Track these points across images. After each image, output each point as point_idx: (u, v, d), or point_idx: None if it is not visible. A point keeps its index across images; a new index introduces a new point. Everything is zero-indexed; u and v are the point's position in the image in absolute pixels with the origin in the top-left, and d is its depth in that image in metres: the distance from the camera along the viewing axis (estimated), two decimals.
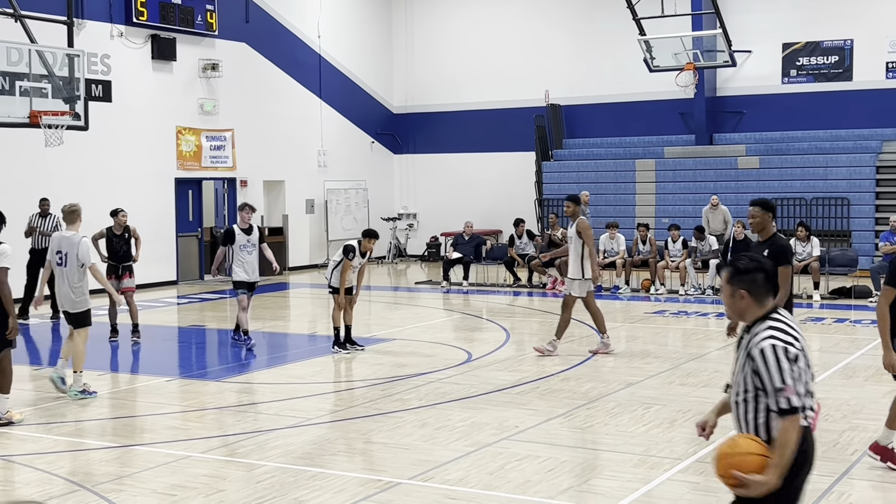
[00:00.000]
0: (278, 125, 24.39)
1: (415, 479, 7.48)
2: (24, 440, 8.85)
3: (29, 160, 18.38)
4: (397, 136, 28.55)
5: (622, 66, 24.97)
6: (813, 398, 4.41)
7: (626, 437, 8.68)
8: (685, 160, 24.18)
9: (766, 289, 4.41)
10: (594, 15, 25.73)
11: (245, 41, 23.58)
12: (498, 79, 26.79)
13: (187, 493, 7.20)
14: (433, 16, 27.97)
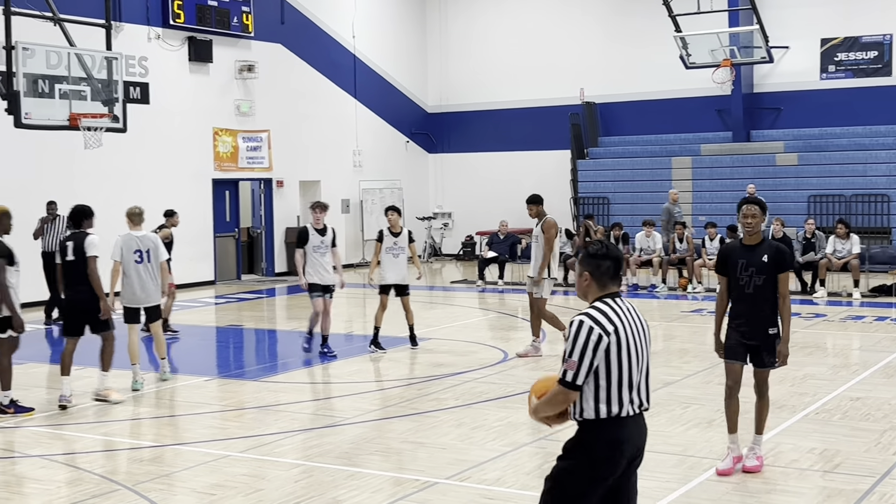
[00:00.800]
0: (314, 125, 24.50)
1: (451, 479, 7.49)
2: (65, 440, 8.96)
3: (68, 162, 18.59)
4: (432, 135, 28.58)
5: (658, 64, 24.83)
6: (637, 392, 4.53)
7: (665, 436, 8.62)
8: (722, 157, 24.01)
9: (609, 275, 4.63)
10: (629, 12, 25.61)
11: (280, 42, 23.71)
12: (533, 77, 26.74)
13: (226, 492, 7.25)
14: (467, 14, 27.97)
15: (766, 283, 7.31)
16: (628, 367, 4.49)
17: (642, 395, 4.57)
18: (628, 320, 4.55)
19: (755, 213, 7.42)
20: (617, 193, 24.80)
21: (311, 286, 12.74)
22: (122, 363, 11.07)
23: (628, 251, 20.07)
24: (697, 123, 24.98)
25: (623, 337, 4.49)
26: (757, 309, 7.36)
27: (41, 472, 7.89)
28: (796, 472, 7.60)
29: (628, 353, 4.49)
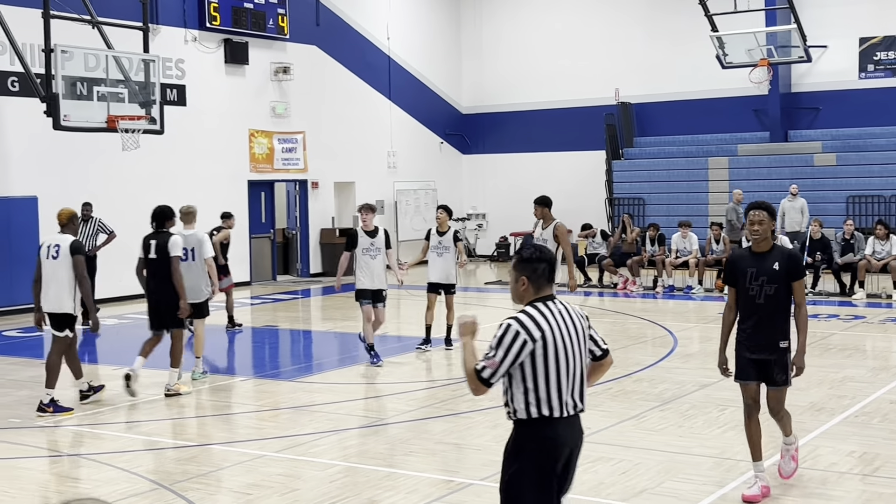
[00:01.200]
0: (348, 127, 24.58)
1: (487, 481, 7.47)
2: (105, 439, 9.04)
3: (106, 164, 18.76)
4: (466, 136, 28.58)
5: (694, 63, 24.68)
6: (570, 394, 4.57)
7: (701, 439, 8.56)
8: (759, 158, 23.81)
9: (545, 278, 4.69)
10: (665, 11, 25.47)
11: (316, 44, 23.81)
12: (567, 77, 26.65)
13: (263, 491, 7.28)
14: (502, 15, 27.94)
15: (778, 292, 6.82)
16: (556, 370, 4.56)
17: (575, 396, 4.63)
18: (560, 324, 4.60)
19: (763, 220, 6.92)
20: (652, 194, 24.67)
21: (359, 292, 12.29)
22: (156, 363, 11.15)
23: (664, 252, 19.95)
24: (734, 123, 24.79)
25: (552, 341, 4.55)
26: (768, 321, 6.85)
27: (81, 471, 7.97)
28: (835, 475, 7.52)
29: (556, 357, 4.56)
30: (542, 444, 4.56)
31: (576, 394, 4.63)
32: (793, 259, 6.98)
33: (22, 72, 16.51)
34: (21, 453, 8.53)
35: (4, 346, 14.57)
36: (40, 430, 9.36)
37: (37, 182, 17.88)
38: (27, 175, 17.82)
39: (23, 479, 7.78)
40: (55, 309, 9.88)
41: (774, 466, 7.40)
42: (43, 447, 8.73)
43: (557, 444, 4.57)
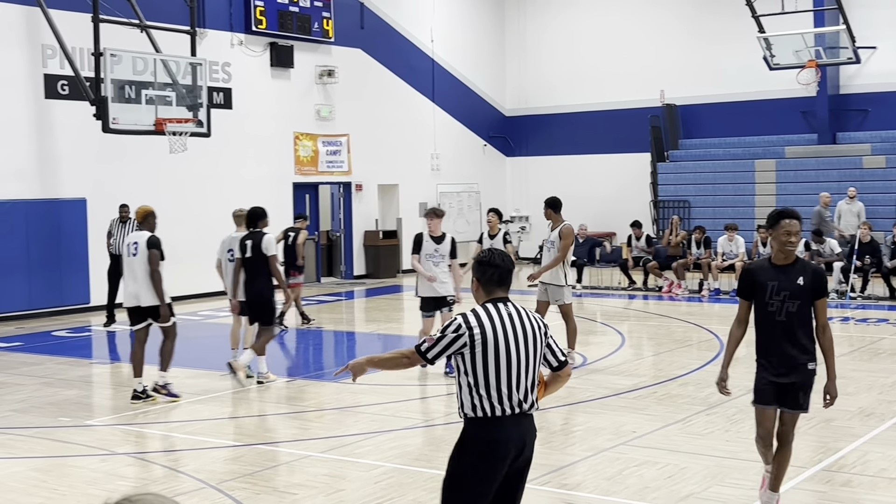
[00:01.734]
0: (392, 129, 24.65)
1: (531, 483, 7.43)
2: (152, 438, 9.14)
3: (153, 166, 18.95)
4: (509, 138, 28.55)
5: (740, 65, 24.45)
6: (517, 393, 4.68)
7: (748, 444, 8.44)
8: (807, 160, 23.53)
9: (494, 282, 4.89)
10: (711, 12, 25.26)
11: (360, 47, 23.91)
12: (611, 79, 26.53)
13: (308, 491, 7.32)
14: (546, 17, 27.87)
15: (801, 309, 6.28)
16: (496, 367, 4.69)
17: (521, 396, 4.72)
18: (505, 324, 4.74)
19: (798, 231, 6.30)
20: (698, 197, 24.46)
21: (422, 301, 11.84)
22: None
23: (710, 255, 19.78)
24: (781, 125, 24.52)
25: (491, 338, 4.70)
26: (791, 340, 6.33)
27: (128, 469, 8.06)
28: (885, 480, 7.41)
29: (496, 354, 4.69)
30: (487, 443, 4.68)
31: (521, 393, 4.72)
32: (819, 275, 6.42)
33: (72, 75, 16.76)
34: (70, 452, 8.65)
35: (54, 346, 14.78)
36: (89, 429, 9.48)
37: (86, 184, 18.12)
38: (76, 177, 18.06)
39: (72, 477, 7.88)
40: (140, 303, 10.39)
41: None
42: (92, 445, 8.84)
43: (501, 443, 4.68)
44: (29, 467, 8.16)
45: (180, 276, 19.64)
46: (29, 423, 9.65)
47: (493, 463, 4.67)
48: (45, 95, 17.66)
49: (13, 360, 13.36)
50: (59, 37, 16.12)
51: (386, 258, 24.03)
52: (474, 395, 4.71)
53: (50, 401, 10.71)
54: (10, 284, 17.02)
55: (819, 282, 6.34)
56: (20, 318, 17.15)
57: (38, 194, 17.57)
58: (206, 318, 17.37)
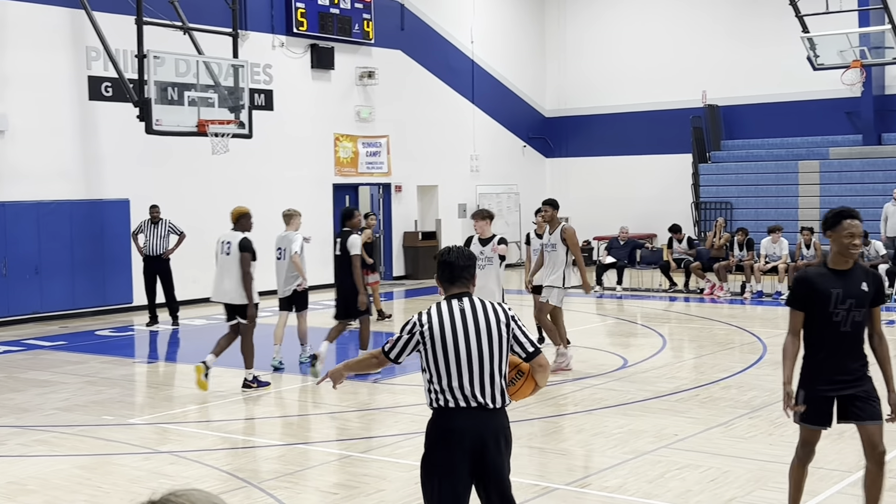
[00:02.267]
0: (432, 131, 24.67)
1: (572, 486, 7.42)
2: (194, 437, 9.20)
3: (194, 167, 19.11)
4: (549, 139, 28.46)
5: (784, 65, 24.20)
6: (472, 387, 4.78)
7: (792, 447, 8.29)
8: (852, 161, 23.24)
9: (446, 279, 5.03)
10: (754, 12, 25.03)
11: (400, 48, 23.95)
12: (652, 79, 26.37)
13: (349, 491, 7.33)
14: (586, 18, 27.76)
15: (865, 318, 5.76)
16: (445, 360, 4.81)
17: (476, 389, 4.80)
18: (457, 319, 4.86)
19: (861, 232, 5.69)
20: (740, 198, 24.24)
21: None
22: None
23: (752, 257, 19.60)
24: (825, 126, 24.24)
25: (439, 334, 4.83)
26: (854, 352, 5.82)
27: (171, 468, 8.12)
28: None
29: (445, 350, 4.81)
30: (441, 434, 4.83)
31: (478, 387, 4.80)
32: (878, 279, 5.90)
33: (115, 77, 16.94)
34: (114, 450, 8.73)
35: (97, 345, 14.94)
36: (132, 428, 9.57)
37: (129, 185, 18.30)
38: (119, 178, 18.25)
39: (115, 475, 7.96)
40: (230, 300, 10.96)
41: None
42: (135, 444, 8.92)
43: (455, 435, 4.79)
44: (73, 465, 8.24)
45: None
46: (73, 422, 9.76)
47: (449, 451, 4.78)
48: (89, 97, 17.86)
49: (57, 359, 13.52)
50: (103, 39, 16.29)
51: (425, 259, 24.03)
52: (432, 388, 4.86)
53: (93, 399, 10.82)
54: (55, 284, 17.22)
55: (880, 287, 5.86)
56: (64, 317, 17.36)
57: (81, 195, 17.77)
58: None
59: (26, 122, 16.96)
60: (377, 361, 5.14)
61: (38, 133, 17.12)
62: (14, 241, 16.71)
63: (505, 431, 4.90)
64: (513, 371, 5.09)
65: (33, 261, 16.95)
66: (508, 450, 4.94)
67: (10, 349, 14.44)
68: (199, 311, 18.05)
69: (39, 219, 17.06)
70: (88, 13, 16.33)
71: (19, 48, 16.90)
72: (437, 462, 4.83)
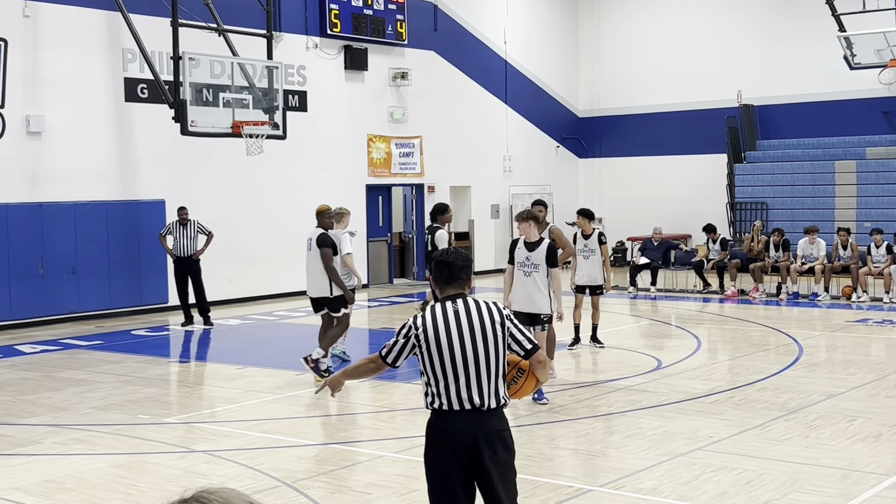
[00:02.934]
0: (465, 131, 24.67)
1: (606, 487, 7.39)
2: (228, 436, 9.26)
3: (230, 169, 19.21)
4: (583, 139, 28.37)
5: (820, 64, 23.98)
6: (468, 389, 4.79)
7: (828, 450, 8.30)
8: (889, 161, 22.97)
9: (442, 280, 5.01)
10: (789, 11, 24.82)
11: (433, 49, 23.97)
12: (687, 79, 26.22)
13: (382, 491, 7.35)
14: (620, 17, 27.65)
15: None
16: (440, 363, 4.82)
17: (473, 391, 4.80)
18: (451, 321, 4.86)
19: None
20: (776, 199, 24.04)
21: (514, 316, 10.13)
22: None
23: (788, 258, 19.43)
24: (862, 126, 23.98)
25: (433, 337, 4.84)
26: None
27: (206, 466, 8.17)
28: None
29: (440, 352, 4.82)
30: (436, 434, 4.86)
31: (474, 389, 4.81)
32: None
33: (151, 79, 17.08)
34: (150, 448, 8.80)
35: (133, 344, 15.07)
36: (167, 427, 9.64)
37: (164, 186, 18.45)
38: (155, 179, 18.40)
39: (151, 474, 8.02)
40: (317, 294, 11.69)
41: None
42: (170, 443, 8.99)
43: (448, 435, 4.81)
44: (109, 463, 8.32)
45: (256, 276, 19.91)
46: (109, 420, 9.85)
47: (441, 451, 4.82)
48: (125, 99, 18.03)
49: (93, 359, 13.65)
50: (139, 41, 16.44)
51: None
52: (429, 390, 4.89)
53: (129, 398, 10.92)
54: (91, 284, 17.40)
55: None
56: (100, 317, 17.53)
57: (118, 196, 17.93)
58: (281, 318, 17.55)
59: (63, 124, 17.15)
60: (375, 366, 5.16)
61: (75, 134, 17.30)
62: (51, 241, 16.90)
63: (502, 433, 4.87)
64: (513, 370, 5.10)
65: (70, 261, 17.13)
66: (509, 452, 4.90)
67: (48, 349, 14.60)
68: (234, 312, 18.16)
69: (76, 219, 17.24)
70: (124, 15, 16.48)
71: (56, 50, 17.08)
72: (434, 463, 4.87)
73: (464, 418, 4.81)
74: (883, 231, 18.99)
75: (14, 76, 16.41)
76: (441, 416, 4.86)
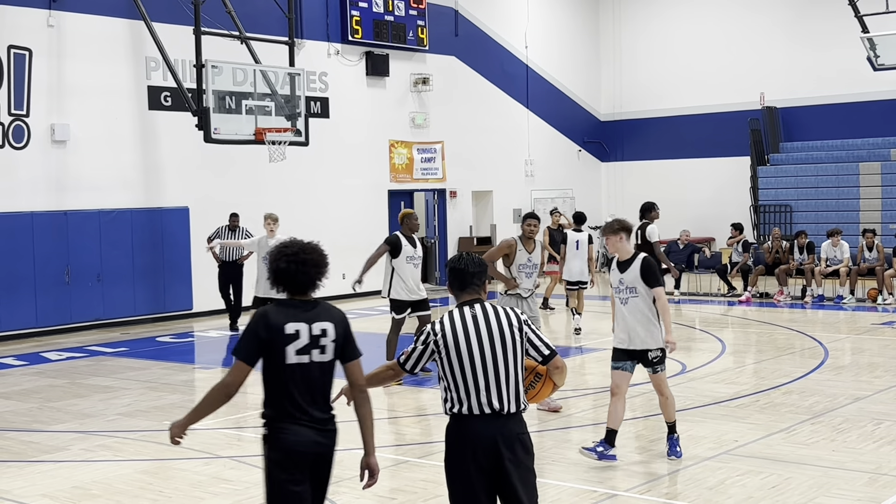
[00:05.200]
0: (486, 136, 24.68)
1: (631, 491, 7.36)
2: (254, 441, 9.27)
3: (252, 175, 19.29)
4: (605, 143, 28.32)
5: (843, 66, 23.85)
6: (487, 393, 4.78)
7: (855, 454, 8.24)
8: None
9: (456, 286, 5.04)
10: (812, 13, 24.70)
11: (454, 55, 24.00)
12: (709, 82, 26.14)
13: (406, 496, 7.36)
14: (641, 21, 27.60)
15: None
16: (460, 369, 4.83)
17: (493, 396, 4.81)
18: (469, 326, 4.87)
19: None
20: (800, 201, 23.90)
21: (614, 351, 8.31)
22: None
23: (813, 261, 19.31)
24: (887, 127, 23.81)
25: (453, 342, 4.85)
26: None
27: (231, 472, 8.20)
28: None
29: (459, 357, 4.84)
30: (456, 440, 4.86)
31: (494, 393, 4.81)
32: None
33: (174, 87, 17.19)
34: (175, 455, 8.83)
35: (158, 351, 15.15)
36: (193, 433, 9.59)
37: (188, 193, 18.55)
38: (179, 186, 18.50)
39: (177, 480, 8.06)
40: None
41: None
42: (196, 449, 9.02)
43: (469, 440, 4.81)
44: (135, 470, 8.37)
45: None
46: (135, 427, 9.91)
47: (462, 456, 4.82)
48: (149, 107, 18.15)
49: (119, 365, 13.73)
50: (162, 49, 16.55)
51: None
52: (449, 396, 4.90)
53: (155, 405, 10.98)
54: (116, 291, 17.51)
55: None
56: (125, 324, 17.64)
57: (142, 203, 18.05)
58: None
59: (88, 133, 17.28)
60: (393, 373, 5.23)
61: (99, 143, 17.43)
62: (77, 249, 17.02)
63: (521, 436, 4.88)
64: (530, 375, 5.13)
65: (95, 268, 17.25)
66: (529, 455, 4.90)
67: (74, 356, 14.70)
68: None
69: (101, 227, 17.36)
70: (147, 24, 16.60)
71: (80, 59, 17.22)
72: (455, 468, 4.87)
73: (484, 423, 4.81)
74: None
75: (39, 85, 16.57)
76: (461, 421, 4.86)
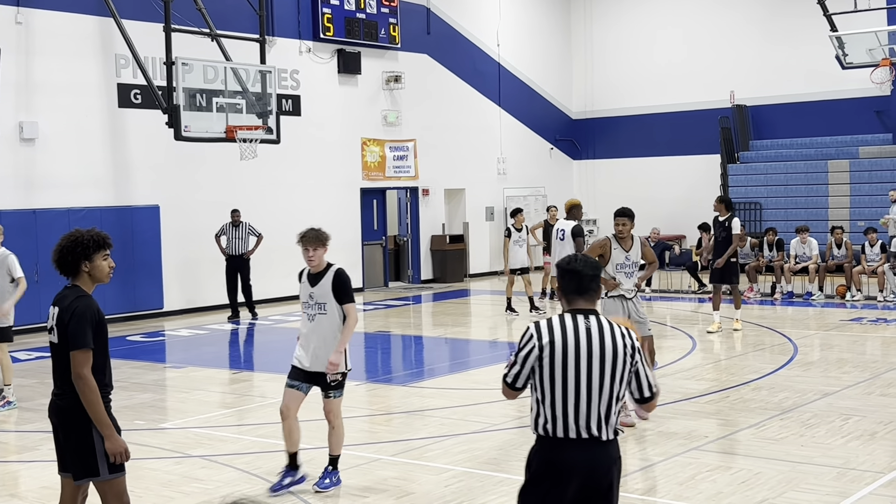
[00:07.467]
0: (458, 134, 24.70)
1: None
2: (225, 440, 9.26)
3: (224, 173, 19.20)
4: (576, 141, 28.41)
5: (812, 64, 24.06)
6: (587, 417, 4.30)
7: (824, 448, 8.32)
8: (882, 160, 23.05)
9: (571, 290, 4.46)
10: (781, 12, 24.89)
11: (426, 52, 24.00)
12: (680, 80, 26.29)
13: (378, 495, 7.36)
14: (612, 19, 27.71)
15: None
16: (563, 385, 4.32)
17: (592, 420, 4.31)
18: (582, 339, 4.34)
19: None
20: (770, 198, 24.10)
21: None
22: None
23: (782, 258, 19.47)
24: (855, 125, 24.06)
25: (561, 353, 4.31)
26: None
27: (202, 471, 8.17)
28: None
29: (565, 371, 4.31)
30: (545, 464, 4.36)
31: (594, 417, 4.31)
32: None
33: (144, 84, 17.09)
34: (145, 454, 8.79)
35: (128, 350, 15.06)
36: (163, 432, 9.64)
37: (158, 191, 18.44)
38: (149, 185, 18.38)
39: (147, 479, 8.01)
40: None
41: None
42: (166, 448, 8.99)
43: (560, 468, 4.31)
44: None
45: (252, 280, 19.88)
46: None
47: (548, 486, 4.32)
48: (119, 104, 18.02)
49: None
50: (131, 47, 16.44)
51: (453, 262, 24.07)
52: (540, 411, 4.39)
53: (125, 404, 10.90)
54: None
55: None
56: None
57: (112, 202, 17.92)
58: (276, 323, 17.55)
59: (57, 130, 17.14)
60: (506, 391, 4.51)
61: (68, 140, 17.29)
62: (46, 248, 16.74)
63: (618, 464, 4.41)
64: None
65: None
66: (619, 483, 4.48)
67: (44, 355, 14.54)
68: (223, 316, 18.14)
69: (70, 225, 17.16)
70: (117, 21, 16.49)
71: (49, 57, 17.07)
72: (543, 497, 4.34)
73: (581, 449, 4.31)
74: (876, 230, 19.04)
75: (7, 83, 16.42)
76: (554, 445, 4.34)
